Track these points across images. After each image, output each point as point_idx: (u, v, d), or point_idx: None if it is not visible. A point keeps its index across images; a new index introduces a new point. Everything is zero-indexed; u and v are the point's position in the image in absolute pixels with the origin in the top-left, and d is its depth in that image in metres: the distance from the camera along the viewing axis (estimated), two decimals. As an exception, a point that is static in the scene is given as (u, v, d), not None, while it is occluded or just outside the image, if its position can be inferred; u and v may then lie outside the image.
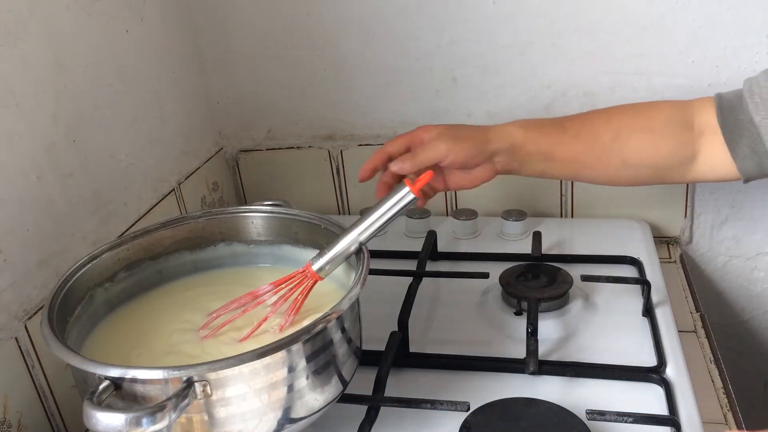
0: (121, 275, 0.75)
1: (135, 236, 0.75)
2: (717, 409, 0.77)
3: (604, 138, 0.85)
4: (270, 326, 0.69)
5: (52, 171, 0.80)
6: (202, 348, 0.67)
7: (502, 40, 1.05)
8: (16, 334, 0.73)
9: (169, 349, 0.68)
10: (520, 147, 0.84)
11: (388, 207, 0.72)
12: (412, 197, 0.71)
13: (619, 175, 0.87)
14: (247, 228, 0.80)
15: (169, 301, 0.76)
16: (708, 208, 1.09)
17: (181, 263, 0.79)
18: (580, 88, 1.05)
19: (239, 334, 0.68)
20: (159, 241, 0.77)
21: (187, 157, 1.09)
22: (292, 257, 0.79)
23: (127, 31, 0.94)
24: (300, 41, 1.10)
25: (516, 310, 0.88)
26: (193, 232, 0.79)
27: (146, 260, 0.77)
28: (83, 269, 0.70)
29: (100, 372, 0.54)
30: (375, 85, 1.11)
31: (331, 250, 0.71)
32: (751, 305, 1.15)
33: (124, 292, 0.75)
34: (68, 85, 0.82)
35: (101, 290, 0.73)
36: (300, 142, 1.18)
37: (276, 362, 0.58)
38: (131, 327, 0.72)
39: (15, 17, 0.74)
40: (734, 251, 1.12)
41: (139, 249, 0.76)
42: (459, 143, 0.81)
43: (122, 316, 0.74)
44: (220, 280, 0.79)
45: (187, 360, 0.65)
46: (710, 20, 0.98)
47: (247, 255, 0.81)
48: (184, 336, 0.69)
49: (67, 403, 0.79)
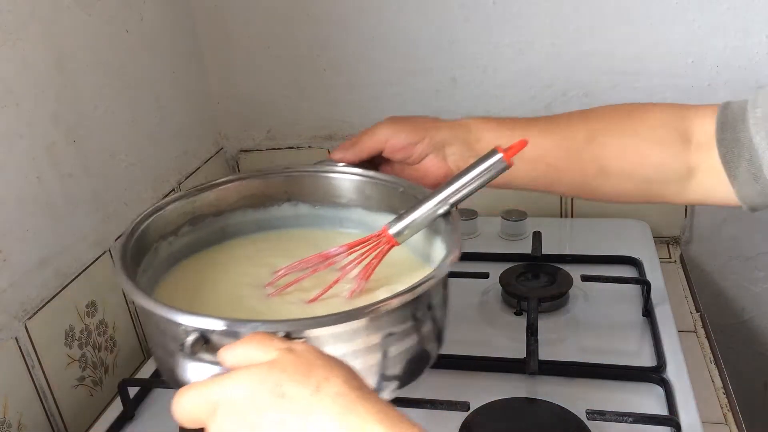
0: (184, 229, 0.71)
1: (200, 189, 0.72)
2: (717, 409, 0.77)
3: (578, 137, 0.72)
4: (339, 291, 0.64)
5: (52, 171, 0.80)
6: (267, 305, 0.64)
7: (502, 40, 1.05)
8: (16, 334, 0.73)
9: (234, 305, 0.64)
10: (476, 139, 0.73)
11: (476, 174, 0.64)
12: (503, 166, 0.63)
13: (599, 185, 0.73)
14: (315, 188, 0.75)
15: (232, 256, 0.73)
16: (708, 208, 1.09)
17: (244, 221, 0.75)
18: (580, 88, 1.05)
19: (307, 295, 0.64)
20: (224, 197, 0.74)
21: (187, 157, 1.09)
22: (361, 221, 0.74)
23: (127, 31, 0.94)
24: (300, 41, 1.10)
25: (516, 310, 0.88)
26: (259, 190, 0.75)
27: (210, 216, 0.73)
28: (149, 220, 0.67)
29: (198, 324, 0.50)
30: (375, 85, 1.11)
31: (411, 214, 0.65)
32: (751, 305, 1.15)
33: (187, 247, 0.72)
34: (68, 85, 0.82)
35: (165, 244, 0.69)
36: (300, 142, 1.18)
37: (378, 324, 0.53)
38: (194, 281, 0.69)
39: (15, 17, 0.74)
40: (734, 251, 1.12)
41: (204, 203, 0.73)
42: (401, 128, 0.73)
43: (184, 270, 0.71)
44: (284, 239, 0.75)
45: (254, 316, 0.62)
46: (710, 20, 0.98)
47: (312, 217, 0.76)
48: (248, 290, 0.66)
49: (67, 403, 0.80)
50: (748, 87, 1.00)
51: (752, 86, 1.00)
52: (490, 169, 0.64)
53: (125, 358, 0.91)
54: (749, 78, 1.00)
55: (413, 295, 0.53)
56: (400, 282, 0.64)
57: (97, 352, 0.86)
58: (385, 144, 0.73)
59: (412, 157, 0.73)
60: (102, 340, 0.87)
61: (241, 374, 0.44)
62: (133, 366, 0.92)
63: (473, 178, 0.64)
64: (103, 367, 0.87)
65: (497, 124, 0.74)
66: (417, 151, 0.73)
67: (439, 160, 0.74)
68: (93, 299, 0.85)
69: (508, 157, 0.63)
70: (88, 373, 0.84)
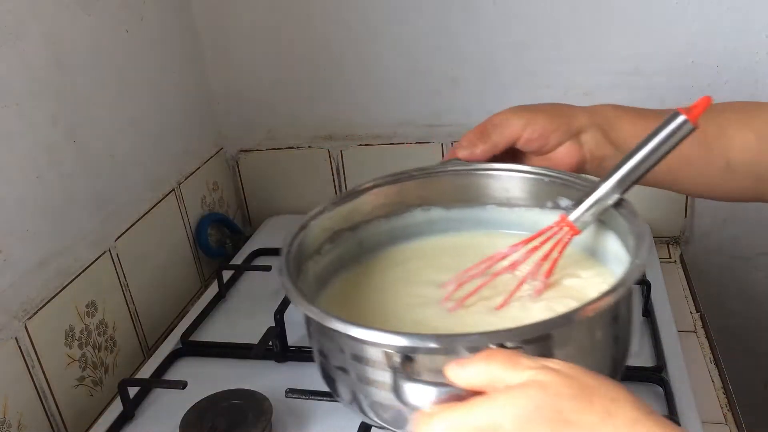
0: (326, 247, 0.68)
1: (335, 203, 0.68)
2: (717, 409, 0.77)
3: (709, 130, 0.68)
4: (520, 292, 0.62)
5: (52, 171, 0.80)
6: (454, 320, 0.60)
7: (502, 40, 1.05)
8: (16, 334, 0.73)
9: (418, 325, 0.60)
10: (611, 127, 0.70)
11: (658, 142, 0.58)
12: (689, 128, 0.57)
13: (724, 181, 0.71)
14: (447, 190, 0.71)
15: (385, 278, 0.69)
16: (708, 208, 1.09)
17: (377, 232, 0.72)
18: (580, 88, 1.05)
19: (490, 302, 0.61)
20: (357, 209, 0.70)
21: (187, 157, 1.09)
22: (500, 220, 0.71)
23: (127, 31, 0.94)
24: (300, 41, 1.10)
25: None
26: (389, 197, 0.71)
27: (346, 230, 0.70)
28: (299, 238, 0.63)
29: (410, 343, 0.47)
30: (375, 85, 1.11)
31: (590, 197, 0.60)
32: (751, 305, 1.15)
33: (331, 266, 0.68)
34: (68, 85, 0.82)
35: (311, 263, 0.66)
36: (300, 142, 1.18)
37: (592, 322, 0.50)
38: (355, 306, 0.65)
39: (15, 17, 0.74)
40: (734, 251, 1.12)
41: (340, 218, 0.69)
42: (536, 117, 0.69)
43: (337, 293, 0.67)
44: (428, 250, 0.72)
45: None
46: (710, 20, 0.98)
47: (446, 221, 0.73)
48: (426, 310, 0.62)
49: (67, 403, 0.80)
50: (748, 87, 1.00)
51: (752, 86, 1.00)
52: (673, 135, 0.58)
53: (125, 358, 0.91)
54: (749, 78, 1.00)
55: (625, 289, 0.50)
56: (576, 276, 0.63)
57: (97, 352, 0.86)
58: (520, 135, 0.69)
59: (547, 145, 0.70)
60: (102, 340, 0.87)
61: (507, 399, 0.39)
62: (133, 366, 0.92)
63: (655, 147, 0.58)
64: (103, 367, 0.87)
65: (633, 114, 0.71)
66: (553, 139, 0.69)
67: (575, 148, 0.70)
68: (93, 299, 0.85)
69: (693, 117, 0.57)
70: (88, 373, 0.84)
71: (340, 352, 0.53)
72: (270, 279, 0.97)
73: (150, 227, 0.97)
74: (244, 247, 1.11)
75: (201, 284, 1.11)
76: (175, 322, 1.01)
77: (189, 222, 1.08)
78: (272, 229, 1.17)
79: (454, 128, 1.11)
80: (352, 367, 0.53)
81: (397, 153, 1.14)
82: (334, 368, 0.56)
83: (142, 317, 0.95)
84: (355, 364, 0.53)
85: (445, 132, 1.12)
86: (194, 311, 0.94)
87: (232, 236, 1.16)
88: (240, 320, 0.93)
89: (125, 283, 0.92)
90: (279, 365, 0.83)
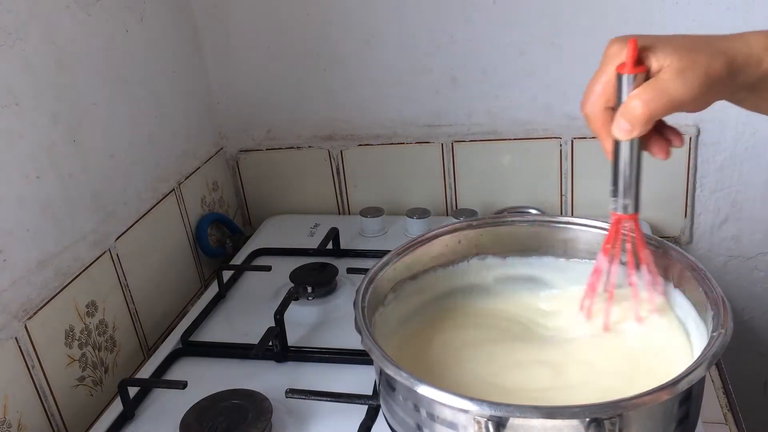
0: (389, 297, 0.68)
1: (399, 252, 0.69)
2: (717, 409, 0.77)
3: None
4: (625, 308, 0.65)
5: (52, 171, 0.80)
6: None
7: (502, 40, 1.05)
8: (16, 334, 0.73)
9: (520, 394, 0.59)
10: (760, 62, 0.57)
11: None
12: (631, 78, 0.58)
13: None
14: (510, 238, 0.73)
15: (455, 339, 0.68)
16: (708, 208, 1.09)
17: (434, 281, 0.72)
18: (580, 88, 1.05)
19: (593, 328, 0.64)
20: (418, 259, 0.71)
21: (187, 157, 1.09)
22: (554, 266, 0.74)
23: (127, 31, 0.94)
24: (300, 41, 1.10)
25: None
26: (448, 247, 0.72)
27: (407, 279, 0.70)
28: (371, 287, 0.64)
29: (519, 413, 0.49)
30: (375, 85, 1.11)
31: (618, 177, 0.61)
32: (751, 305, 1.15)
33: (395, 317, 0.68)
34: (68, 85, 0.82)
35: (378, 315, 0.66)
36: (300, 142, 1.18)
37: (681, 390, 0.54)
38: (432, 369, 0.64)
39: (15, 17, 0.74)
40: (734, 251, 1.12)
41: (403, 268, 0.70)
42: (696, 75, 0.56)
43: (408, 351, 0.66)
44: (488, 311, 0.72)
45: (573, 394, 0.59)
46: (710, 20, 0.98)
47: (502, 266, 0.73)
48: (517, 373, 0.62)
49: (67, 403, 0.80)
50: (748, 87, 1.00)
51: (752, 86, 1.00)
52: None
53: (125, 358, 0.91)
54: (749, 78, 1.00)
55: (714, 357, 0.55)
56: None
57: (97, 352, 0.86)
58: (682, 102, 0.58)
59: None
60: (102, 340, 0.87)
61: None
62: (133, 366, 0.92)
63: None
64: (103, 367, 0.87)
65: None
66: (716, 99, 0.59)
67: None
68: (93, 299, 0.85)
69: (630, 70, 0.58)
70: (88, 373, 0.84)
71: (416, 410, 0.55)
72: (270, 279, 0.97)
73: (150, 227, 0.97)
74: (244, 247, 1.11)
75: (201, 284, 1.11)
76: (175, 322, 1.01)
77: (189, 222, 1.08)
78: (272, 228, 1.17)
79: (454, 128, 1.11)
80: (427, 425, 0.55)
81: (397, 153, 1.14)
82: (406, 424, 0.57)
83: (142, 317, 0.95)
84: (432, 424, 0.55)
85: (445, 132, 1.12)
86: (194, 311, 0.94)
87: (232, 236, 1.16)
88: (240, 320, 0.93)
89: (125, 283, 0.92)
90: (279, 365, 0.83)
